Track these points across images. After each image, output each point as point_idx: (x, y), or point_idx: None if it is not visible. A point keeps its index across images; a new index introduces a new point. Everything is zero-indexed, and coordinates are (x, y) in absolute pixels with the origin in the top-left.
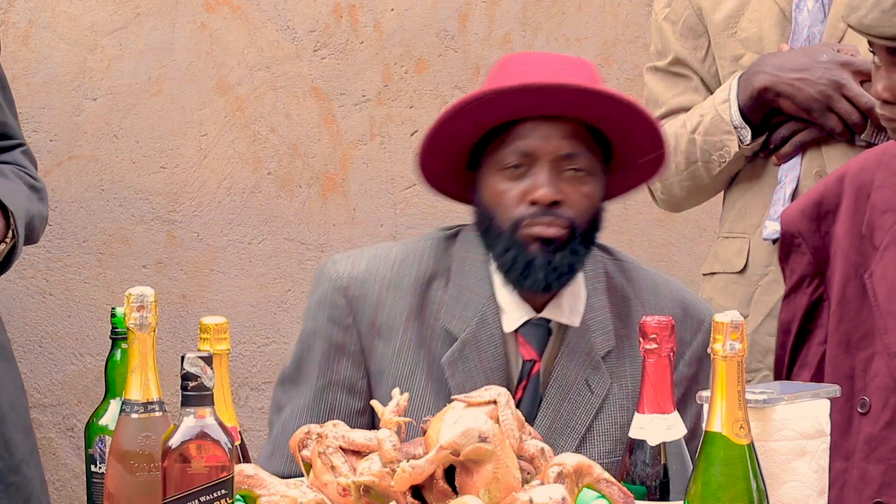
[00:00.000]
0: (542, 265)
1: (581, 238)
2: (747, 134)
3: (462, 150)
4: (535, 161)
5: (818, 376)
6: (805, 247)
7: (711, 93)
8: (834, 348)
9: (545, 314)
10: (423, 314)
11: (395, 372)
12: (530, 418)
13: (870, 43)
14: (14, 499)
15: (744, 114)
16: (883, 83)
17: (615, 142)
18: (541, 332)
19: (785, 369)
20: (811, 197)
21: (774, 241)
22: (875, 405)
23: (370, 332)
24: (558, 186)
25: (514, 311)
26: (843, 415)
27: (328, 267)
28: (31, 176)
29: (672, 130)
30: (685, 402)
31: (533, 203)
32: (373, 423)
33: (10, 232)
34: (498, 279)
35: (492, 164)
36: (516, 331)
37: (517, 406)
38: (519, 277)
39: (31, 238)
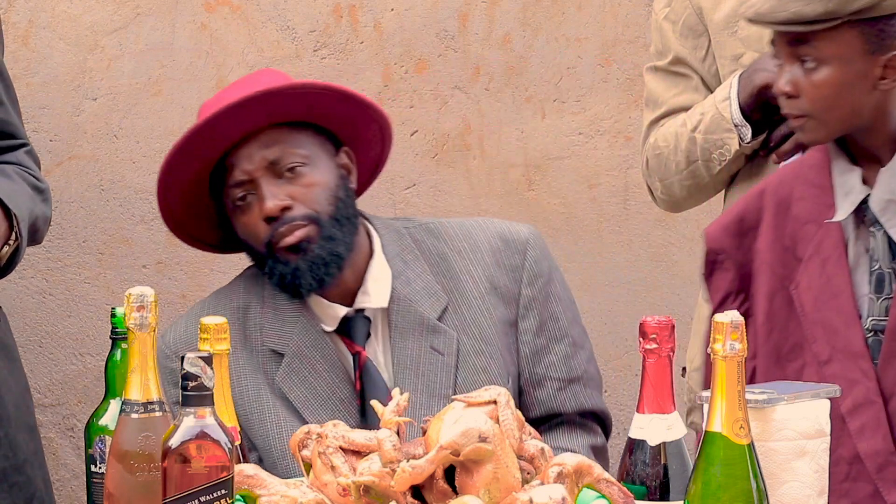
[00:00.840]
0: (305, 269)
1: (332, 224)
2: (748, 132)
3: (208, 210)
4: (253, 183)
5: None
6: (729, 263)
7: (712, 92)
8: (764, 361)
9: (357, 305)
10: (248, 342)
11: (242, 399)
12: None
13: (772, 42)
14: (17, 499)
15: (744, 112)
16: (785, 77)
17: (326, 124)
18: (360, 322)
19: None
20: (732, 213)
21: None
22: None
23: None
24: (280, 193)
25: (327, 314)
26: None
27: (158, 343)
28: (34, 177)
29: (672, 129)
30: (546, 324)
31: (267, 220)
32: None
33: (14, 234)
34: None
35: (229, 207)
36: (337, 331)
37: (360, 398)
38: (294, 288)
39: (34, 239)
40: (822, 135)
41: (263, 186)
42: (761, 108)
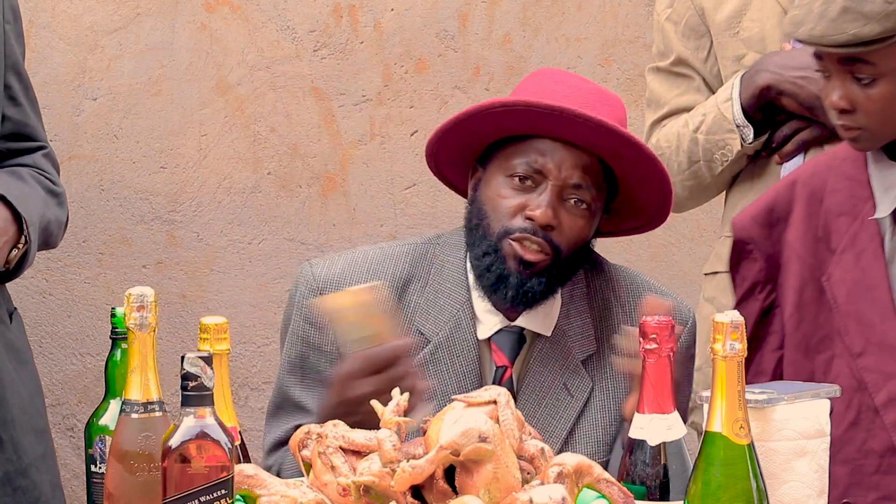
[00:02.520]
0: (514, 285)
1: (561, 267)
2: (749, 133)
3: (476, 145)
4: (543, 179)
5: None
6: (757, 253)
7: (713, 93)
8: (792, 353)
9: (518, 322)
10: (396, 316)
11: None
12: None
13: (818, 56)
14: (21, 502)
15: (746, 112)
16: (838, 93)
17: (624, 186)
18: (514, 339)
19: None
20: (762, 203)
21: None
22: (838, 407)
23: None
24: (557, 212)
25: (488, 319)
26: None
27: (305, 269)
28: (50, 180)
29: (674, 130)
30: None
31: (528, 219)
32: None
33: (23, 238)
34: (473, 281)
35: (501, 166)
36: (489, 338)
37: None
38: (489, 287)
39: (47, 243)
40: (877, 144)
41: (549, 194)
42: (763, 109)
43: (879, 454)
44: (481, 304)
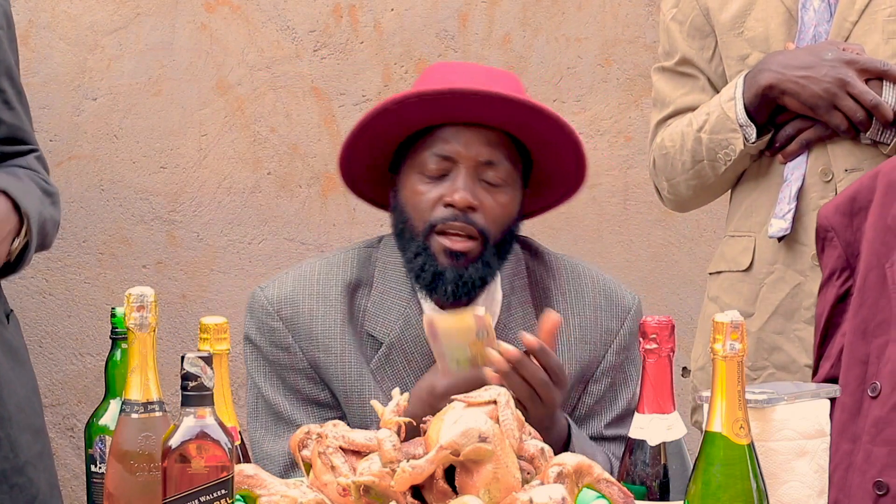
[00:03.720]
0: (452, 279)
1: (494, 250)
2: (752, 132)
3: (384, 152)
4: (455, 166)
5: (837, 366)
6: (837, 241)
7: (718, 92)
8: (851, 335)
9: None
10: (352, 321)
11: (343, 378)
12: None
13: None
14: (17, 500)
15: (749, 112)
16: None
17: (537, 156)
18: None
19: (814, 363)
20: (847, 193)
21: (780, 239)
22: (885, 389)
23: (311, 346)
24: (475, 192)
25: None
26: (854, 398)
27: (256, 294)
28: (44, 181)
29: (678, 129)
30: (615, 389)
31: (448, 206)
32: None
33: (24, 230)
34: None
35: (412, 166)
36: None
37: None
38: (428, 286)
39: (43, 243)
40: None
41: (463, 177)
42: (766, 109)
43: None
44: (427, 302)
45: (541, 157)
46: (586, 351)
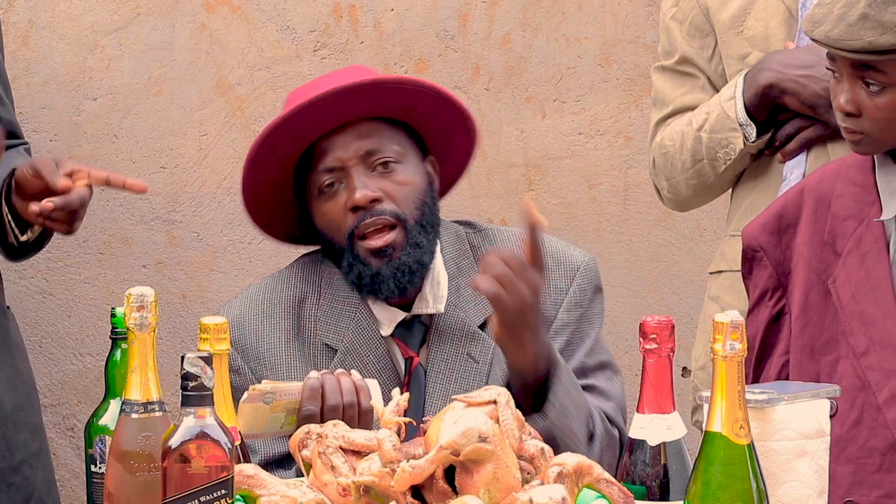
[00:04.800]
0: (389, 275)
1: (419, 229)
2: (752, 131)
3: (285, 193)
4: (344, 171)
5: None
6: (767, 260)
7: (718, 92)
8: (798, 354)
9: (414, 311)
10: (301, 335)
11: None
12: (419, 408)
13: (830, 57)
14: (14, 499)
15: (749, 111)
16: (845, 96)
17: (423, 130)
18: (416, 328)
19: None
20: (772, 211)
21: None
22: (842, 406)
23: (258, 366)
24: (372, 185)
25: (385, 317)
26: None
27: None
28: None
29: (678, 129)
30: (572, 346)
31: (355, 209)
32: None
33: None
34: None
35: (312, 193)
36: (393, 334)
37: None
38: (372, 291)
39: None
40: (878, 149)
41: (355, 176)
42: (766, 108)
43: (882, 452)
44: (376, 305)
45: (426, 129)
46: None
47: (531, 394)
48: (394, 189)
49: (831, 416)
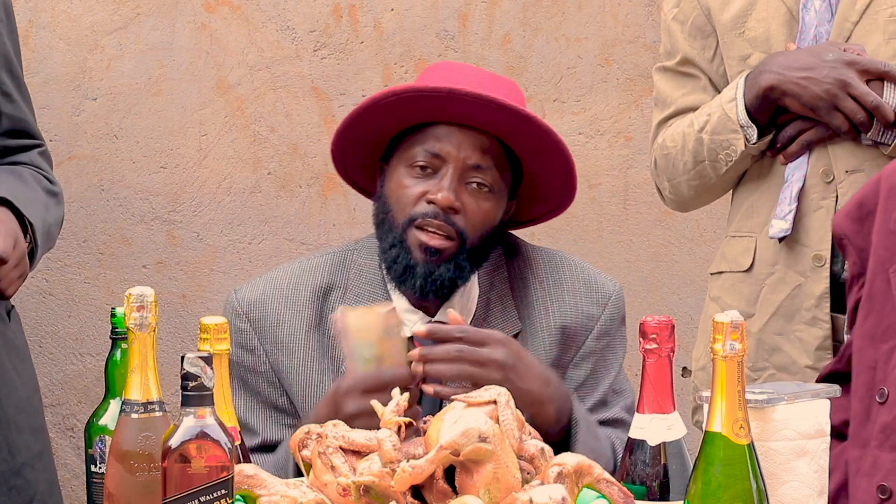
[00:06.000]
0: (422, 274)
1: (468, 253)
2: (753, 133)
3: (378, 142)
4: (443, 164)
5: (837, 364)
6: (850, 248)
7: (720, 92)
8: (860, 341)
9: (438, 317)
10: (322, 326)
11: (302, 382)
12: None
13: None
14: (15, 501)
15: (750, 113)
16: None
17: (528, 168)
18: None
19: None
20: (855, 198)
21: (781, 240)
22: (893, 394)
23: (274, 350)
24: (459, 194)
25: (408, 318)
26: (864, 405)
27: (230, 297)
28: (48, 179)
29: (680, 130)
30: (596, 374)
31: (430, 203)
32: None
33: (28, 239)
34: (391, 284)
35: (401, 158)
36: (412, 336)
37: (418, 404)
38: (398, 278)
39: (48, 245)
40: None
41: (450, 177)
42: (767, 109)
43: None
44: (401, 304)
45: (531, 169)
46: (565, 338)
47: (553, 445)
48: (473, 209)
49: (882, 404)
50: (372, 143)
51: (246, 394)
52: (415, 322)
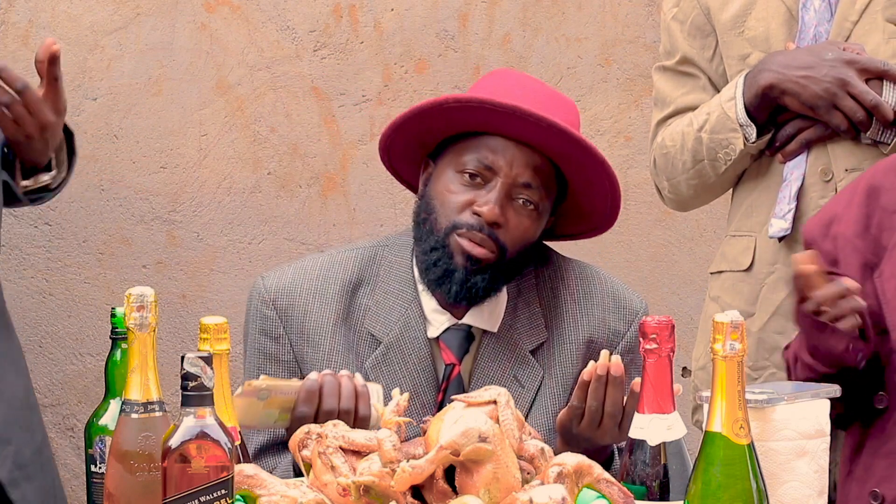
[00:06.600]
0: (459, 280)
1: (507, 268)
2: (752, 132)
3: (430, 140)
4: (493, 177)
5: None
6: (818, 252)
7: (719, 92)
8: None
9: (465, 320)
10: (349, 320)
11: None
12: None
13: None
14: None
15: (749, 112)
16: None
17: (573, 190)
18: (461, 337)
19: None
20: (828, 206)
21: (780, 239)
22: (892, 401)
23: (300, 340)
24: (505, 210)
25: (435, 318)
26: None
27: (257, 283)
28: None
29: (679, 129)
30: None
31: (475, 214)
32: None
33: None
34: (421, 284)
35: (452, 162)
36: (438, 337)
37: (438, 408)
38: (434, 281)
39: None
40: None
41: (498, 191)
42: (766, 108)
43: None
44: (429, 304)
45: (577, 192)
46: (592, 351)
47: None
48: (517, 226)
49: (881, 410)
50: (423, 141)
51: None
52: (442, 322)
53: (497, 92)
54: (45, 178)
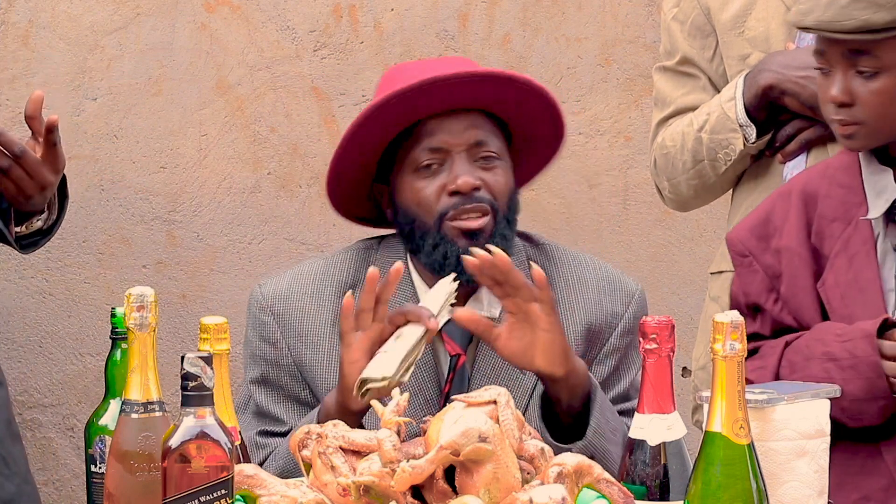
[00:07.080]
0: None
1: (505, 223)
2: (752, 132)
3: (369, 162)
4: (448, 155)
5: None
6: (756, 265)
7: (719, 92)
8: (792, 355)
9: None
10: None
11: (326, 376)
12: None
13: (819, 51)
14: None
15: (749, 112)
16: (837, 86)
17: (515, 126)
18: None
19: None
20: (759, 214)
21: None
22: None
23: (298, 343)
24: (475, 173)
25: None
26: None
27: (255, 291)
28: None
29: (679, 129)
30: (619, 371)
31: (453, 193)
32: None
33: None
34: (418, 280)
35: (405, 169)
36: (440, 329)
37: (446, 399)
38: (456, 270)
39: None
40: (873, 142)
41: (459, 163)
42: (766, 108)
43: (863, 456)
44: (427, 296)
45: (519, 126)
46: (590, 335)
47: (569, 416)
48: (493, 181)
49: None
50: (364, 165)
51: (267, 388)
52: (443, 316)
53: (397, 83)
54: (38, 223)
